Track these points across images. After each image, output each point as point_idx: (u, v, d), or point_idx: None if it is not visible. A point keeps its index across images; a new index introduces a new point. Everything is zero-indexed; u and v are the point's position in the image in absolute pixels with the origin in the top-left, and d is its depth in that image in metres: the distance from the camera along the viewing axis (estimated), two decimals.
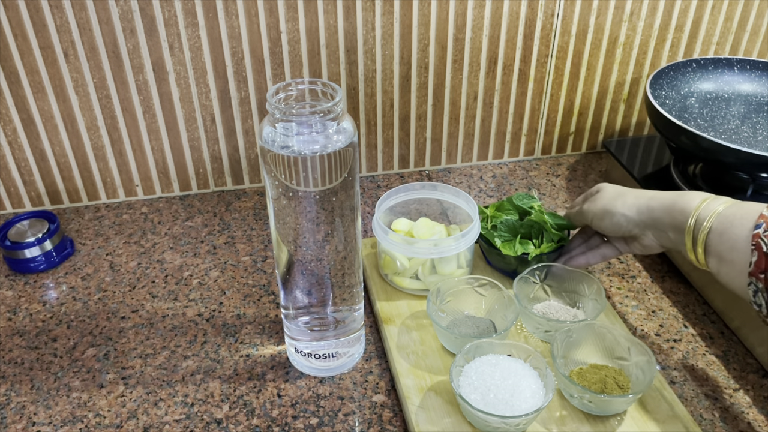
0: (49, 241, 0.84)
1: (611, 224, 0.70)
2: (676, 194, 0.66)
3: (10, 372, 0.72)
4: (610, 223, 0.70)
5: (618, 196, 0.70)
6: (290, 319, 0.69)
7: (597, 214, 0.71)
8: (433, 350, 0.71)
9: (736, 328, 0.75)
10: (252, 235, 0.91)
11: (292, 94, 0.61)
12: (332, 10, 0.88)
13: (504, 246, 0.78)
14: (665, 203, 0.65)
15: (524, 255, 0.77)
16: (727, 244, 0.59)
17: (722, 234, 0.59)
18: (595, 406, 0.63)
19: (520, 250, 0.77)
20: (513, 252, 0.77)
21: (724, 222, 0.59)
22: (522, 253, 0.77)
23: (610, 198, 0.71)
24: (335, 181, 0.60)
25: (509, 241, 0.79)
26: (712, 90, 0.98)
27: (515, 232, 0.80)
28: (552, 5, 0.94)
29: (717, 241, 0.60)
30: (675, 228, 0.64)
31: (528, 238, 0.79)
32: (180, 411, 0.67)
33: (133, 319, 0.78)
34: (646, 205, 0.67)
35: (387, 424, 0.66)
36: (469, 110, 1.01)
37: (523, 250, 0.77)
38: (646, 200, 0.67)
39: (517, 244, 0.78)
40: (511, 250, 0.77)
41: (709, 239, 0.60)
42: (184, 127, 0.94)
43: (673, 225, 0.64)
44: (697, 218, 0.62)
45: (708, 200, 0.62)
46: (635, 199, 0.69)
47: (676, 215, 0.64)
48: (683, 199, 0.64)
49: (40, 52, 0.84)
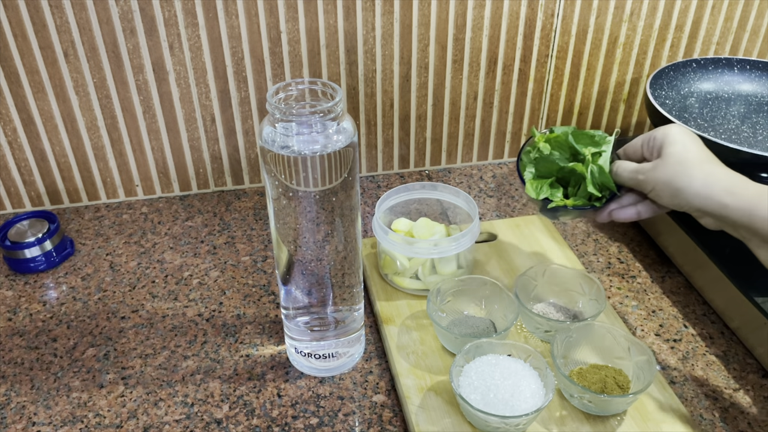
0: (49, 241, 0.84)
1: (671, 203, 0.61)
2: (757, 196, 0.57)
3: (10, 372, 0.72)
4: (669, 202, 0.61)
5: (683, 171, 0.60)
6: (290, 319, 0.69)
7: (656, 189, 0.62)
8: (433, 350, 0.71)
9: (736, 328, 0.75)
10: (252, 235, 0.91)
11: (292, 94, 0.61)
12: (332, 10, 0.88)
13: (531, 183, 0.69)
14: (744, 206, 0.57)
15: (545, 200, 0.69)
16: None
17: None
18: (595, 406, 0.63)
19: (543, 193, 0.69)
20: (535, 194, 0.69)
21: None
22: (543, 198, 0.69)
23: (674, 172, 0.60)
24: (335, 181, 0.60)
25: (540, 179, 0.70)
26: (712, 90, 0.98)
27: (552, 173, 0.70)
28: (552, 5, 0.94)
29: None
30: (754, 233, 0.58)
31: (564, 184, 0.70)
32: (180, 411, 0.67)
33: (133, 319, 0.78)
34: (718, 201, 0.58)
35: (387, 424, 0.66)
36: (469, 110, 1.01)
37: (546, 195, 0.69)
38: (721, 193, 0.58)
39: (546, 186, 0.69)
40: (534, 190, 0.69)
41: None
42: (184, 127, 0.94)
43: (752, 230, 0.57)
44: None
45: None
46: (705, 185, 0.59)
47: (758, 221, 0.56)
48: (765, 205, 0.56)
49: (40, 52, 0.84)
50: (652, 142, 0.64)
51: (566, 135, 0.69)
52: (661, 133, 0.63)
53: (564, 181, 0.70)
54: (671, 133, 0.62)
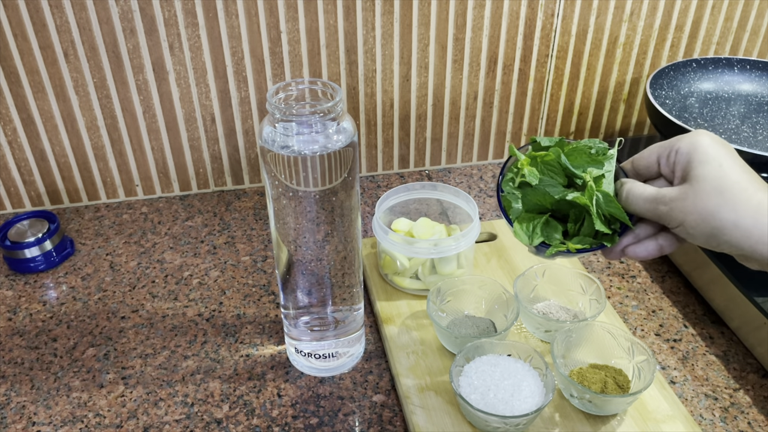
0: (49, 241, 0.84)
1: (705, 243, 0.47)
2: None
3: (10, 372, 0.72)
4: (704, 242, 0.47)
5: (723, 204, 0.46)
6: (290, 319, 0.69)
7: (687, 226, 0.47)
8: (433, 350, 0.71)
9: (736, 328, 0.75)
10: (252, 235, 0.91)
11: (292, 94, 0.61)
12: (332, 10, 0.88)
13: (520, 222, 0.55)
14: None
15: (542, 246, 0.55)
16: None
17: None
18: (595, 406, 0.63)
19: (537, 238, 0.54)
20: (527, 237, 0.54)
21: None
22: (540, 243, 0.55)
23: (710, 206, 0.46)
24: (335, 181, 0.60)
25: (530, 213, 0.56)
26: (712, 90, 0.98)
27: (544, 206, 0.56)
28: (552, 5, 0.94)
29: None
30: None
31: (562, 219, 0.56)
32: (180, 411, 0.67)
33: (133, 319, 0.78)
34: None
35: (387, 424, 0.66)
36: (469, 110, 1.01)
37: (541, 239, 0.55)
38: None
39: (539, 226, 0.55)
40: (525, 231, 0.55)
41: None
42: (184, 127, 0.94)
43: None
44: None
45: None
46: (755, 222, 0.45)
47: None
48: None
49: (40, 52, 0.84)
50: (674, 156, 0.50)
51: (557, 154, 0.55)
52: (686, 144, 0.48)
53: (561, 214, 0.56)
54: (701, 146, 0.47)
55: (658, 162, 0.52)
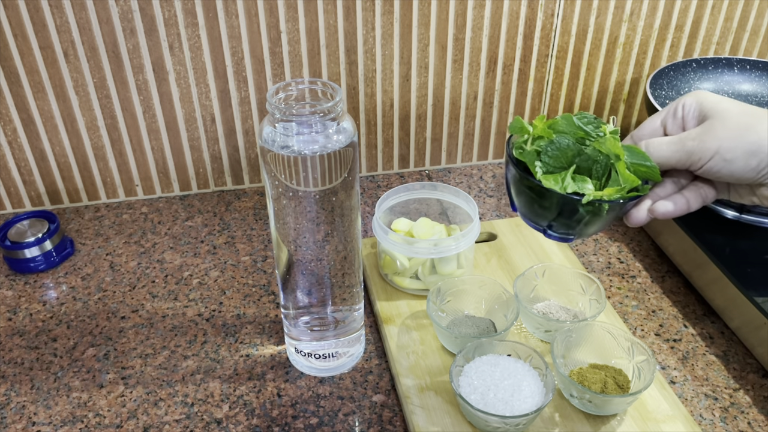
0: (49, 241, 0.84)
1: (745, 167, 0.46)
2: None
3: (10, 372, 0.72)
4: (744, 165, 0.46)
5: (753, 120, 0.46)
6: (290, 319, 0.69)
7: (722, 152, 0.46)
8: (433, 350, 0.71)
9: (736, 328, 0.75)
10: (252, 235, 0.91)
11: (292, 94, 0.61)
12: (332, 10, 0.88)
13: (547, 177, 0.52)
14: None
15: (576, 196, 0.51)
16: None
17: None
18: (595, 406, 0.63)
19: (570, 186, 0.51)
20: (561, 187, 0.51)
21: None
22: (573, 192, 0.51)
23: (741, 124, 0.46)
24: (335, 181, 0.60)
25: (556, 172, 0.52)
26: (712, 90, 0.98)
27: (569, 160, 0.53)
28: (552, 5, 0.94)
29: None
30: None
31: (586, 174, 0.53)
32: (180, 411, 0.67)
33: (133, 319, 0.78)
34: None
35: (387, 424, 0.66)
36: (469, 110, 1.01)
37: (575, 188, 0.51)
38: None
39: (568, 177, 0.51)
40: (557, 183, 0.51)
41: None
42: (184, 127, 0.94)
43: None
44: None
45: None
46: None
47: None
48: None
49: (40, 52, 0.84)
50: (682, 111, 0.50)
51: (565, 118, 0.54)
52: (691, 97, 0.49)
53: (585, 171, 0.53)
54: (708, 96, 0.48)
55: (663, 126, 0.52)
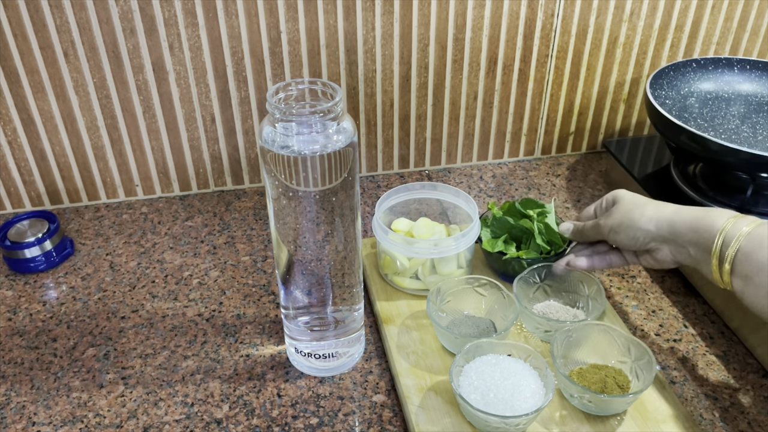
0: (49, 241, 0.84)
1: (627, 238, 0.67)
2: (700, 210, 0.63)
3: (10, 372, 0.72)
4: (626, 236, 0.67)
5: (635, 208, 0.67)
6: (290, 319, 0.69)
7: (614, 228, 0.68)
8: (433, 350, 0.71)
9: (736, 328, 0.75)
10: (252, 235, 0.91)
11: (292, 94, 0.61)
12: (332, 10, 0.88)
13: (487, 242, 0.78)
14: (689, 219, 0.63)
15: (499, 253, 0.77)
16: (755, 266, 0.57)
17: (750, 255, 0.58)
18: (595, 406, 0.63)
19: (497, 247, 0.77)
20: (491, 248, 0.78)
21: (752, 242, 0.58)
22: (498, 251, 0.77)
23: (628, 210, 0.67)
24: (335, 181, 0.60)
25: (496, 238, 0.79)
26: (712, 90, 0.98)
27: (505, 231, 0.80)
28: (552, 5, 0.94)
29: (744, 263, 0.58)
30: (698, 246, 0.62)
31: (517, 241, 0.79)
32: (180, 411, 0.67)
33: (133, 319, 0.78)
34: (667, 219, 0.64)
35: (387, 424, 0.66)
36: (469, 110, 1.01)
37: (500, 249, 0.77)
38: (668, 214, 0.64)
39: (500, 242, 0.78)
40: (490, 246, 0.78)
41: (737, 260, 0.58)
42: (184, 127, 0.94)
43: (697, 242, 0.62)
44: (724, 238, 0.59)
45: (735, 219, 0.60)
46: (655, 212, 0.65)
47: (701, 233, 0.61)
48: (709, 216, 0.62)
49: (40, 52, 0.84)
50: (605, 202, 0.72)
51: (513, 202, 0.81)
52: (611, 194, 0.72)
53: (516, 240, 0.79)
54: (621, 192, 0.71)
55: (595, 210, 0.74)
